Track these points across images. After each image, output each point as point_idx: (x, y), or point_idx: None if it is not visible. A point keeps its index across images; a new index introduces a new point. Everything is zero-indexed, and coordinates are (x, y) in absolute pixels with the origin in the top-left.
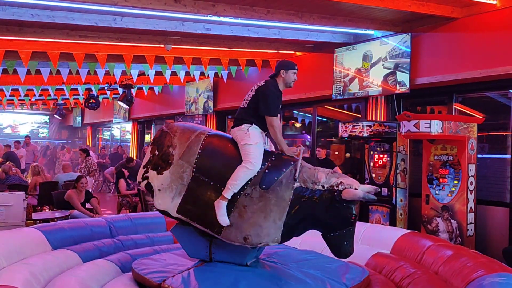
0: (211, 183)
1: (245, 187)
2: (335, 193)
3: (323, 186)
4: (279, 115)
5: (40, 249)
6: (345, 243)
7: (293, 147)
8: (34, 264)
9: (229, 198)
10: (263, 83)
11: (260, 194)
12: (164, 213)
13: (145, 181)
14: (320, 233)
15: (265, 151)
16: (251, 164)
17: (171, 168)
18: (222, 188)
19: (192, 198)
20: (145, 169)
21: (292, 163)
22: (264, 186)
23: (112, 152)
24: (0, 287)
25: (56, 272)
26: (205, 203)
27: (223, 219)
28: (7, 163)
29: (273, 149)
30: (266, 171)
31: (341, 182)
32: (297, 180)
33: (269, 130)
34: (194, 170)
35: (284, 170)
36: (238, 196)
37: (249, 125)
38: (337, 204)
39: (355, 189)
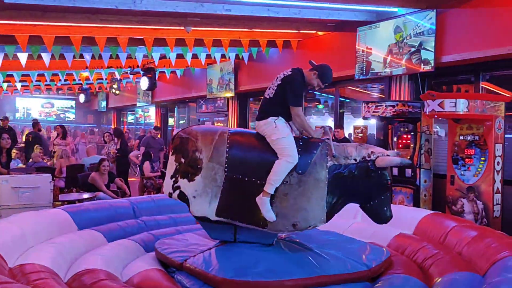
0: (246, 179)
1: None
2: (369, 163)
3: (355, 159)
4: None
5: (66, 229)
6: (385, 208)
7: (317, 129)
8: (61, 243)
9: (272, 193)
10: (289, 72)
11: (298, 180)
12: (203, 219)
13: (177, 191)
14: (358, 205)
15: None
16: (291, 157)
17: (202, 172)
18: (259, 182)
19: (229, 198)
20: (173, 179)
21: (320, 144)
22: (300, 171)
23: (140, 135)
24: (29, 265)
25: (82, 251)
26: (244, 201)
27: (269, 215)
28: (35, 147)
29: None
30: (299, 156)
31: (372, 152)
32: (329, 159)
33: (296, 120)
34: (226, 170)
35: (315, 152)
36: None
37: (275, 117)
38: (373, 173)
39: (387, 155)
